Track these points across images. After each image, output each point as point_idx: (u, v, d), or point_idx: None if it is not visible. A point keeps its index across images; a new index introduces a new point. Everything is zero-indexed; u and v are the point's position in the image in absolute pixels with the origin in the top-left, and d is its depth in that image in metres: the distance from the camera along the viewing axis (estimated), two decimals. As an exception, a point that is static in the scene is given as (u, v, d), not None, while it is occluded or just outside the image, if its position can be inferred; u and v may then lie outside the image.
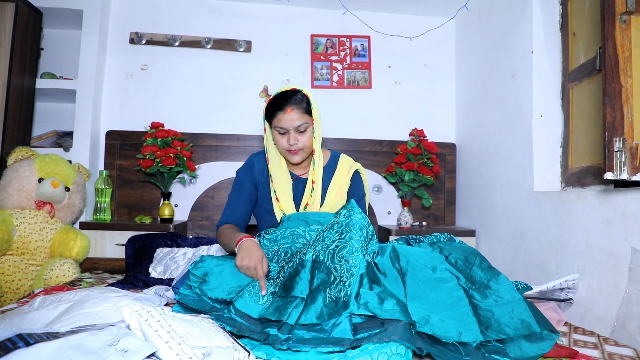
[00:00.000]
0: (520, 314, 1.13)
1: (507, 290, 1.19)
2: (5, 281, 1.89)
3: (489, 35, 2.38)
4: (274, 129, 1.46)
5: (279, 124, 1.43)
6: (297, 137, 1.44)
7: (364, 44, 2.82)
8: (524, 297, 1.18)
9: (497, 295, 1.18)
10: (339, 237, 1.20)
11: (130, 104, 2.65)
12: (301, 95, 1.44)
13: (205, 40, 2.68)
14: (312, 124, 1.47)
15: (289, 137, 1.43)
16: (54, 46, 2.67)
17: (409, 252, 1.27)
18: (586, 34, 1.77)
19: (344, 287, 1.09)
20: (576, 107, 1.84)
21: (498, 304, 1.16)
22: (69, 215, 2.15)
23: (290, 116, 1.41)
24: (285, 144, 1.45)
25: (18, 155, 2.08)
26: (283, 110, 1.41)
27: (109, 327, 0.93)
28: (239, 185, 1.59)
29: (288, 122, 1.42)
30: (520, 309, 1.14)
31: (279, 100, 1.43)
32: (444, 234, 1.72)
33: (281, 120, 1.42)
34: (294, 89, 1.46)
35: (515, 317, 1.12)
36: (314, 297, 1.12)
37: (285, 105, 1.41)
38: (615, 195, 1.41)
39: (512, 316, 1.12)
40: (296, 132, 1.44)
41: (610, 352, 1.17)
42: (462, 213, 2.71)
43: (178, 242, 2.12)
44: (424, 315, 1.10)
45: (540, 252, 1.82)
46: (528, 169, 1.94)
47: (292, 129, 1.42)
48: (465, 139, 2.71)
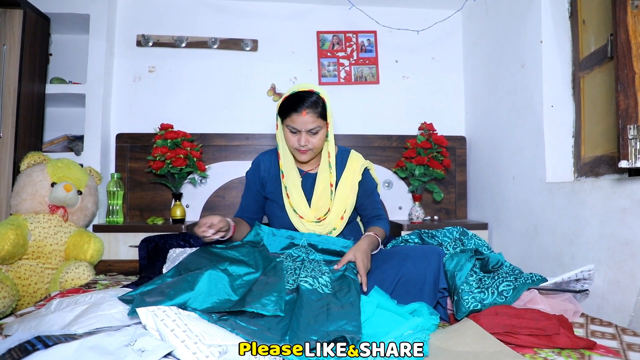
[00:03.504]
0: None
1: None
2: (22, 285, 1.92)
3: (497, 26, 2.36)
4: (286, 127, 1.46)
5: (292, 124, 1.43)
6: (309, 139, 1.44)
7: (371, 39, 2.81)
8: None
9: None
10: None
11: (139, 106, 2.67)
12: (317, 98, 1.43)
13: (211, 41, 2.69)
14: (325, 127, 1.47)
15: (300, 138, 1.44)
16: (62, 51, 2.70)
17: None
18: (596, 21, 1.74)
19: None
20: (587, 96, 1.81)
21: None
22: (82, 218, 2.18)
23: (304, 119, 1.41)
24: (295, 144, 1.45)
25: (30, 161, 2.11)
26: (298, 112, 1.41)
27: (125, 328, 0.94)
28: (247, 186, 1.66)
29: (301, 125, 1.42)
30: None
31: (294, 100, 1.42)
32: (456, 228, 1.71)
33: (295, 121, 1.42)
34: (311, 90, 1.44)
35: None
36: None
37: (300, 108, 1.40)
38: (631, 184, 1.39)
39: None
40: (308, 134, 1.44)
41: (629, 343, 1.15)
42: (473, 206, 2.68)
43: (190, 242, 2.13)
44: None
45: (554, 244, 1.80)
46: (540, 160, 1.91)
47: (305, 131, 1.43)
48: (475, 131, 2.68)
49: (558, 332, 1.12)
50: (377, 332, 1.09)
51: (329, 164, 1.53)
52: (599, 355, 1.06)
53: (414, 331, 1.07)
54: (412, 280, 1.36)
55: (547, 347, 1.11)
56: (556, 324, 1.14)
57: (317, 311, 1.10)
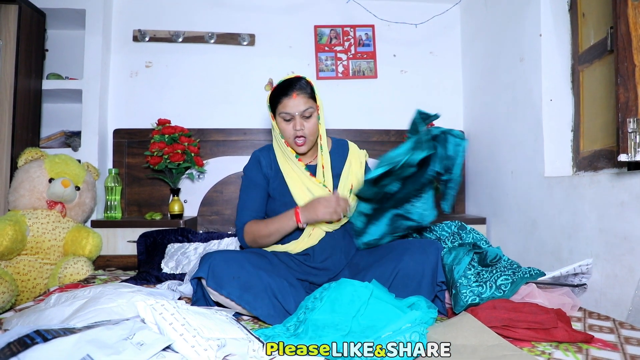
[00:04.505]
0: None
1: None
2: (21, 280, 1.92)
3: (496, 19, 2.35)
4: (279, 116, 1.46)
5: (285, 110, 1.43)
6: (303, 123, 1.44)
7: (369, 33, 2.80)
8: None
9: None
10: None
11: (136, 101, 2.66)
12: (305, 82, 1.46)
13: (208, 35, 2.67)
14: (317, 110, 1.47)
15: (295, 123, 1.44)
16: (59, 47, 2.68)
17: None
18: (596, 14, 1.74)
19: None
20: (587, 90, 1.80)
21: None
22: (80, 214, 2.17)
23: (296, 101, 1.42)
24: (290, 131, 1.45)
25: (28, 157, 2.10)
26: (288, 96, 1.42)
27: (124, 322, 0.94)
28: (252, 183, 1.56)
29: (294, 107, 1.42)
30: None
31: (283, 86, 1.44)
32: (454, 222, 1.71)
33: (287, 106, 1.43)
34: (297, 76, 1.47)
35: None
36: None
37: (290, 91, 1.42)
38: (630, 178, 1.39)
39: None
40: (302, 118, 1.44)
41: (626, 336, 1.15)
42: (472, 201, 2.69)
43: (189, 238, 2.13)
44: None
45: (552, 238, 1.80)
46: (539, 155, 1.91)
47: (298, 114, 1.42)
48: (473, 126, 2.68)
49: (556, 326, 1.12)
50: (375, 324, 1.09)
51: (321, 146, 1.52)
52: (596, 348, 1.07)
53: (412, 324, 1.07)
54: (410, 274, 1.36)
55: (544, 341, 1.11)
56: (554, 317, 1.14)
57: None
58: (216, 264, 1.28)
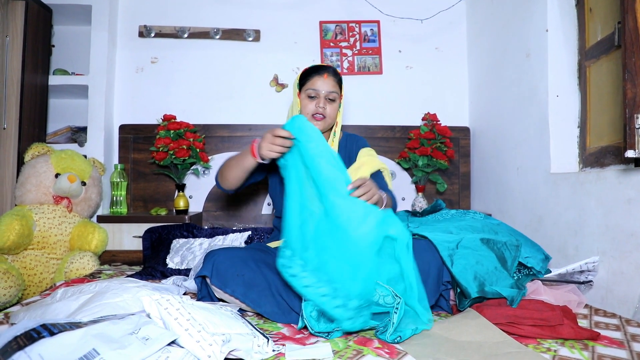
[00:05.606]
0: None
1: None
2: (28, 275, 1.94)
3: (502, 14, 2.33)
4: (304, 92, 1.54)
5: (313, 86, 1.52)
6: (326, 104, 1.52)
7: (374, 29, 2.78)
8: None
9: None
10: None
11: (142, 97, 2.67)
12: (335, 70, 1.57)
13: (213, 31, 2.67)
14: (339, 99, 1.56)
15: (319, 101, 1.52)
16: (65, 43, 2.69)
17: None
18: (603, 9, 1.72)
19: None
20: (593, 86, 1.79)
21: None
22: (86, 209, 2.19)
23: (326, 81, 1.52)
24: (312, 108, 1.52)
25: (34, 152, 2.12)
26: (320, 75, 1.52)
27: (129, 317, 0.94)
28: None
29: (323, 86, 1.51)
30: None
31: (317, 67, 1.56)
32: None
33: (316, 83, 1.52)
34: (328, 65, 1.59)
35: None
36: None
37: (322, 71, 1.54)
38: (637, 174, 1.37)
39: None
40: (326, 99, 1.52)
41: (633, 334, 1.15)
42: (477, 197, 2.68)
43: (194, 233, 2.14)
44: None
45: (558, 235, 1.79)
46: (544, 151, 1.90)
47: (324, 92, 1.51)
48: (479, 122, 2.67)
49: (562, 323, 1.12)
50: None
51: (334, 132, 1.60)
52: (602, 346, 1.06)
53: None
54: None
55: (550, 338, 1.11)
56: (560, 314, 1.14)
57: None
58: (220, 262, 1.28)
